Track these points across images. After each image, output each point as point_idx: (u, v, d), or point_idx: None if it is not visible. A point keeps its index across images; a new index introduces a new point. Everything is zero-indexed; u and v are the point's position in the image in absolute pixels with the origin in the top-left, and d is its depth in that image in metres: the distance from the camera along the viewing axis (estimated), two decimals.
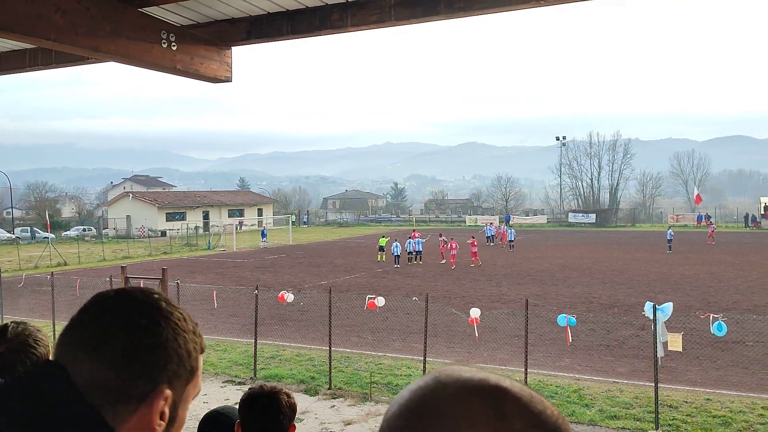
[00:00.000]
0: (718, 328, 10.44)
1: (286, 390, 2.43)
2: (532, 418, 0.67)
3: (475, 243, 32.58)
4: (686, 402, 10.66)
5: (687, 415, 10.01)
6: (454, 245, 31.74)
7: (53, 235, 54.87)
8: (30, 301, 21.74)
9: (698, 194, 61.46)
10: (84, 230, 65.64)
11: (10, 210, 76.57)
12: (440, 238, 34.71)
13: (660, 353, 10.27)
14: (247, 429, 2.32)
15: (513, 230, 44.01)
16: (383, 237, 36.28)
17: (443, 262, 33.04)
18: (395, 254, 32.17)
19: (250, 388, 2.44)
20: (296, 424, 2.43)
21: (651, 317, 10.27)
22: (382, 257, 34.43)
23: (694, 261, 32.90)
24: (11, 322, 1.99)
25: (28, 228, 64.12)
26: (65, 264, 36.14)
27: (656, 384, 9.84)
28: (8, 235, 59.33)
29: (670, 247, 38.09)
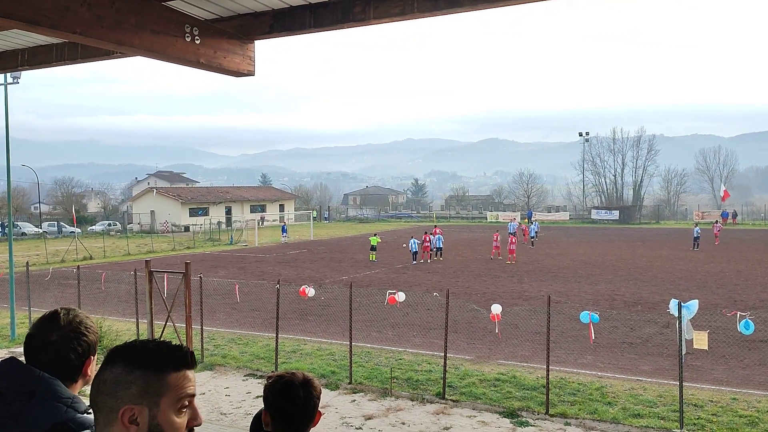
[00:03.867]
0: (745, 326, 10.22)
1: (308, 374, 2.34)
2: None
3: (513, 240, 32.53)
4: (712, 401, 10.48)
5: (713, 415, 9.84)
6: (496, 236, 33.75)
7: (79, 230, 55.85)
8: (56, 294, 22.14)
9: (725, 190, 60.50)
10: (109, 225, 66.69)
11: (37, 205, 78.10)
12: (424, 235, 33.25)
13: (684, 351, 10.10)
14: (277, 418, 2.22)
15: (537, 223, 43.52)
16: (374, 236, 34.17)
17: (423, 261, 32.13)
18: (413, 251, 32.00)
19: (278, 376, 2.29)
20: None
21: (676, 315, 10.10)
22: (373, 257, 32.80)
23: (720, 259, 32.34)
24: (61, 309, 2.02)
25: (55, 223, 65.39)
26: (91, 258, 36.75)
27: (681, 382, 9.68)
28: (36, 229, 60.50)
29: (697, 244, 37.47)
